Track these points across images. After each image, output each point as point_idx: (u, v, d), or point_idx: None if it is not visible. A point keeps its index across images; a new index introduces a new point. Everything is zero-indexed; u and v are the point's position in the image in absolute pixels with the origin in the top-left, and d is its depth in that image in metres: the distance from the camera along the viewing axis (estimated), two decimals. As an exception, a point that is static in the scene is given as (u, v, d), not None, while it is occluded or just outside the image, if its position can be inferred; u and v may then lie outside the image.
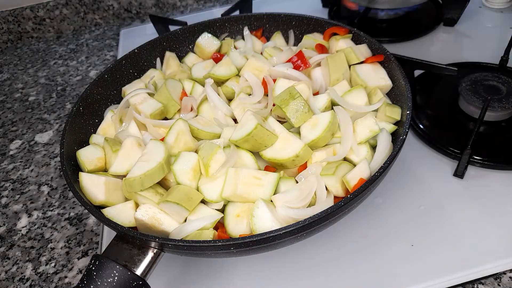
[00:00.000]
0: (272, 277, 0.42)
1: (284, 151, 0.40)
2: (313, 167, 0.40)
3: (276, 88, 0.45)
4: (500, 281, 0.39)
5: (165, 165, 0.39)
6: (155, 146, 0.40)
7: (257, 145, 0.40)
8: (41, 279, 0.47)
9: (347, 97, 0.44)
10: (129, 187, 0.38)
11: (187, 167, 0.40)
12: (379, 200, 0.46)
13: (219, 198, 0.39)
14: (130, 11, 0.96)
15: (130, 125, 0.46)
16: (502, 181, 0.46)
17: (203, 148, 0.41)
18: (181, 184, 0.39)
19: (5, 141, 0.69)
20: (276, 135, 0.41)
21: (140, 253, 0.34)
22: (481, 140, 0.49)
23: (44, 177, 0.61)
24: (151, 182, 0.38)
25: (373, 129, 0.41)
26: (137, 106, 0.47)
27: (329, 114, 0.41)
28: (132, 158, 0.42)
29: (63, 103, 0.76)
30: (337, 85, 0.46)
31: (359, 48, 0.48)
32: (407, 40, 0.68)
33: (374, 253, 0.42)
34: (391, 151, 0.39)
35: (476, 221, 0.43)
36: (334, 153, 0.41)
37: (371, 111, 0.43)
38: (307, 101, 0.43)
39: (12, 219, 0.55)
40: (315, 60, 0.49)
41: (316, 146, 0.41)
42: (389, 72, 0.47)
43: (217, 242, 0.32)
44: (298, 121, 0.41)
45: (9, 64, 0.90)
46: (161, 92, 0.47)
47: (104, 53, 0.88)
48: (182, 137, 0.43)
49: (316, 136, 0.40)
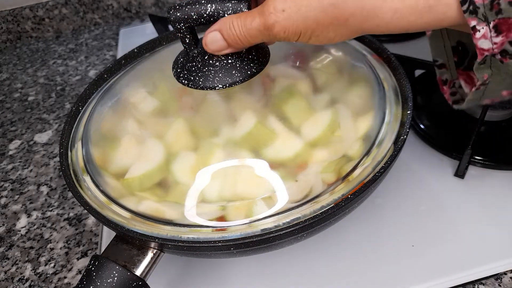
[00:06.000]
0: (272, 277, 0.42)
1: (284, 150, 0.40)
2: (313, 166, 0.39)
3: (276, 86, 0.45)
4: (500, 281, 0.39)
5: (165, 165, 0.39)
6: (154, 145, 0.40)
7: (257, 144, 0.40)
8: (40, 280, 0.47)
9: (347, 95, 0.44)
10: (127, 187, 0.38)
11: (186, 166, 0.39)
12: (380, 200, 0.46)
13: (219, 197, 0.39)
14: (130, 11, 0.95)
15: (128, 123, 0.46)
16: (503, 181, 0.46)
17: (202, 147, 0.41)
18: (180, 183, 0.39)
19: (4, 141, 0.69)
20: (276, 134, 0.41)
21: (139, 253, 0.34)
22: (482, 140, 0.49)
23: (44, 177, 0.60)
24: (150, 182, 0.38)
25: (374, 127, 0.41)
26: (136, 105, 0.47)
27: (329, 113, 0.41)
28: (130, 156, 0.42)
29: (62, 103, 0.75)
30: (338, 83, 0.46)
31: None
32: (408, 40, 0.68)
33: (374, 253, 0.42)
34: (392, 151, 0.39)
35: (477, 221, 0.43)
36: (335, 152, 0.41)
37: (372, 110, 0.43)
38: (308, 99, 0.43)
39: (11, 219, 0.55)
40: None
41: (316, 144, 0.41)
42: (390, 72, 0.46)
43: (217, 243, 0.32)
44: (298, 119, 0.41)
45: (8, 63, 0.90)
46: (161, 90, 0.47)
47: (103, 52, 0.87)
48: (181, 136, 0.43)
49: (316, 134, 0.40)
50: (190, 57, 0.38)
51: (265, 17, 0.31)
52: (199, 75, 0.37)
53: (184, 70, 0.38)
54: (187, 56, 0.39)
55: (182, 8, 0.35)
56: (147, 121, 0.45)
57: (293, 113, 0.41)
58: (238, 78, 0.37)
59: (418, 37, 0.68)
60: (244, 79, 0.37)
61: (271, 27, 0.31)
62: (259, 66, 0.38)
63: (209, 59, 0.37)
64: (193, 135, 0.44)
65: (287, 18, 0.30)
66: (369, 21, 0.30)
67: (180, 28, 0.36)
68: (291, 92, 0.42)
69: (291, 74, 0.46)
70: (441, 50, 0.40)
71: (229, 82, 0.37)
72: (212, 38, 0.34)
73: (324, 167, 0.39)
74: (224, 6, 0.34)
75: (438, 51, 0.40)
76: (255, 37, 0.32)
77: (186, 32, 0.36)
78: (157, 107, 0.46)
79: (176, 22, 0.35)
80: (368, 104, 0.44)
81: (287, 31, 0.31)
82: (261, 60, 0.38)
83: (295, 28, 0.31)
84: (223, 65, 0.37)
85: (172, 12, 0.35)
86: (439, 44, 0.39)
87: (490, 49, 0.28)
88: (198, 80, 0.37)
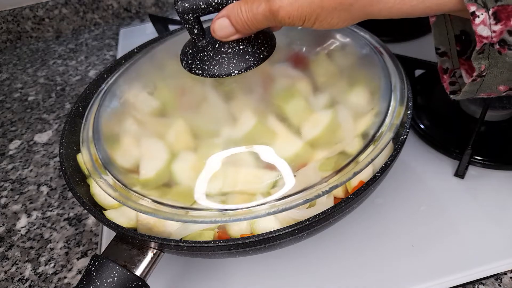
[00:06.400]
0: (272, 277, 0.42)
1: (284, 150, 0.40)
2: (312, 165, 0.39)
3: (276, 86, 0.45)
4: (501, 281, 0.39)
5: (170, 164, 0.39)
6: (156, 145, 0.40)
7: (257, 144, 0.40)
8: (40, 280, 0.47)
9: (348, 95, 0.44)
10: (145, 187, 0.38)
11: (186, 166, 0.40)
12: (380, 200, 0.46)
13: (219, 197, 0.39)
14: (130, 11, 0.95)
15: (128, 123, 0.46)
16: (503, 181, 0.46)
17: (202, 147, 0.41)
18: (180, 183, 0.39)
19: (4, 141, 0.69)
20: (275, 133, 0.41)
21: (139, 253, 0.34)
22: (482, 140, 0.49)
23: (43, 177, 0.60)
24: (160, 182, 0.38)
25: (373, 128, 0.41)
26: (136, 104, 0.47)
27: (329, 113, 0.41)
28: (131, 156, 0.42)
29: (62, 103, 0.75)
30: (338, 83, 0.46)
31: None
32: (408, 40, 0.68)
33: (374, 254, 0.42)
34: (392, 151, 0.39)
35: (477, 221, 0.43)
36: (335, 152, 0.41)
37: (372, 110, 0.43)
38: (307, 99, 0.43)
39: (11, 219, 0.55)
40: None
41: (316, 144, 0.41)
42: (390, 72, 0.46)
43: (217, 243, 0.32)
44: (298, 119, 0.41)
45: (8, 63, 0.90)
46: (161, 90, 0.47)
47: (103, 52, 0.87)
48: (181, 136, 0.43)
49: (316, 134, 0.40)
50: (199, 47, 0.38)
51: (270, 3, 0.31)
52: (212, 63, 0.37)
53: (196, 61, 0.38)
54: (195, 47, 0.38)
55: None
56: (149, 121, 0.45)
57: (293, 113, 0.41)
58: (252, 62, 0.37)
59: (418, 37, 0.68)
60: (258, 62, 0.37)
61: (276, 12, 0.31)
62: (269, 50, 0.38)
63: (221, 47, 0.37)
64: (193, 135, 0.44)
65: (292, 3, 0.31)
66: (373, 6, 0.30)
67: (188, 19, 0.35)
68: (291, 92, 0.42)
69: (291, 74, 0.46)
70: (444, 38, 0.39)
71: (244, 67, 0.37)
72: (221, 24, 0.34)
73: (322, 165, 0.39)
74: None
75: (441, 39, 0.39)
76: (261, 22, 0.33)
77: (195, 23, 0.36)
78: (158, 107, 0.46)
79: (184, 13, 0.35)
80: (368, 104, 0.44)
81: (292, 16, 0.32)
82: (270, 44, 0.38)
83: (300, 13, 0.31)
84: (236, 51, 0.37)
85: (179, 4, 0.35)
86: (443, 32, 0.39)
87: (489, 37, 0.28)
88: (212, 68, 0.37)
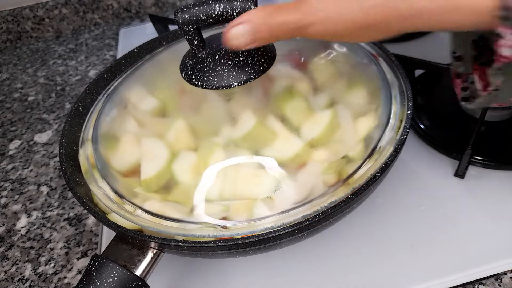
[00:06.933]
0: (272, 277, 0.42)
1: (284, 150, 0.40)
2: (312, 165, 0.39)
3: (275, 86, 0.45)
4: (501, 281, 0.39)
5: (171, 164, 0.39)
6: (156, 145, 0.40)
7: (257, 144, 0.40)
8: (40, 280, 0.47)
9: (348, 95, 0.44)
10: (146, 188, 0.38)
11: (186, 166, 0.40)
12: (380, 200, 0.46)
13: (219, 197, 0.39)
14: (130, 11, 0.95)
15: (128, 122, 0.46)
16: (503, 181, 0.46)
17: (202, 146, 0.41)
18: (180, 183, 0.39)
19: (4, 141, 0.69)
20: (275, 134, 0.41)
21: (139, 253, 0.34)
22: (482, 140, 0.49)
23: (43, 177, 0.60)
24: (162, 182, 0.38)
25: (374, 128, 0.41)
26: (136, 104, 0.47)
27: (329, 113, 0.41)
28: (131, 155, 0.42)
29: (62, 103, 0.75)
30: (338, 83, 0.46)
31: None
32: (408, 40, 0.68)
33: (374, 254, 0.42)
34: (392, 151, 0.39)
35: (477, 221, 0.43)
36: (335, 152, 0.41)
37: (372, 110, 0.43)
38: (307, 100, 0.43)
39: (11, 219, 0.55)
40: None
41: (316, 145, 0.41)
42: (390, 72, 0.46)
43: (217, 243, 0.32)
44: (298, 119, 0.41)
45: (8, 63, 0.90)
46: (161, 90, 0.47)
47: (103, 52, 0.87)
48: (181, 135, 0.43)
49: (316, 134, 0.40)
50: (199, 58, 0.38)
51: (300, 16, 0.28)
52: (212, 75, 0.37)
53: (196, 72, 0.38)
54: (195, 57, 0.38)
55: (189, 10, 0.34)
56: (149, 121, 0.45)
57: (293, 113, 0.41)
58: (252, 74, 0.37)
59: (418, 37, 0.68)
60: (257, 74, 0.37)
61: (306, 27, 0.29)
62: (269, 61, 0.38)
63: (220, 58, 0.36)
64: (194, 135, 0.44)
65: (325, 20, 0.28)
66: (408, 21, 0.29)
67: (188, 31, 0.35)
68: (291, 92, 0.42)
69: (291, 74, 0.46)
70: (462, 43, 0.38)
71: (243, 79, 0.37)
72: (238, 32, 0.31)
73: (325, 168, 0.39)
74: (233, 5, 0.33)
75: (458, 43, 0.39)
76: (285, 34, 0.30)
77: (195, 34, 0.36)
78: (159, 107, 0.46)
79: (184, 25, 0.35)
80: (368, 104, 0.44)
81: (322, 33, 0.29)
82: (270, 55, 0.38)
83: (332, 31, 0.29)
84: (236, 63, 0.36)
85: (179, 15, 0.34)
86: (462, 36, 0.38)
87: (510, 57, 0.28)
88: (212, 80, 0.37)
